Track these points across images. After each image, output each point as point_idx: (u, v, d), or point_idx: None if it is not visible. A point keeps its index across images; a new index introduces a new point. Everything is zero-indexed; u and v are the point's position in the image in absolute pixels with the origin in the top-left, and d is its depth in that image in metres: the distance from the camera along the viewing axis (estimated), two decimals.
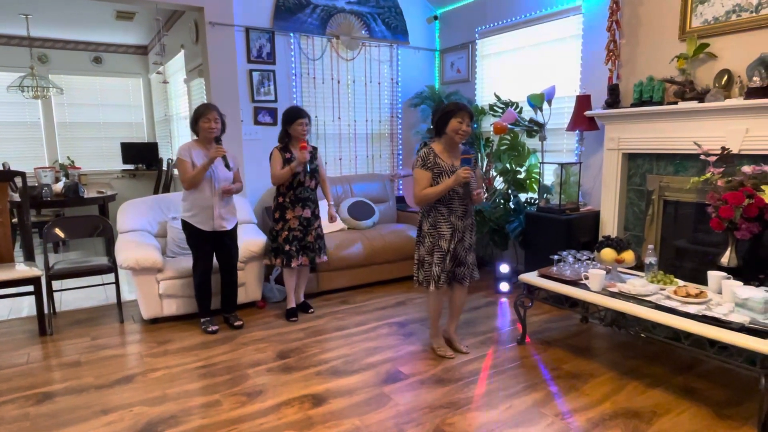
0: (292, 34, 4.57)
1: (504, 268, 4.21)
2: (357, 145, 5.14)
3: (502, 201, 4.41)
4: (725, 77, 3.07)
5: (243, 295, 3.73)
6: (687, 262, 3.39)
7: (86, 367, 2.87)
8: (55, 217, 5.75)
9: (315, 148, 3.57)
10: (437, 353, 2.97)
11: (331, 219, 3.61)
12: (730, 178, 2.81)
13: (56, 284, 3.67)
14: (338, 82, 4.91)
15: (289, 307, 3.64)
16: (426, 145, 2.89)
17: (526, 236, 4.02)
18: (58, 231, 3.60)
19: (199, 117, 3.18)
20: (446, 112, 2.74)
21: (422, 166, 2.77)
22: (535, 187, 4.33)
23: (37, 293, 3.26)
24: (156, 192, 6.89)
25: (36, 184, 5.18)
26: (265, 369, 2.82)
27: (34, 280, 3.24)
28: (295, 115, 3.38)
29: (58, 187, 5.21)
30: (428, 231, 2.85)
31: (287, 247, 3.47)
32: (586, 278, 2.82)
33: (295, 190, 3.46)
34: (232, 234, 3.40)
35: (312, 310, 3.75)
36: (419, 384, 2.62)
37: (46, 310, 3.37)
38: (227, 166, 3.25)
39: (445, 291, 2.93)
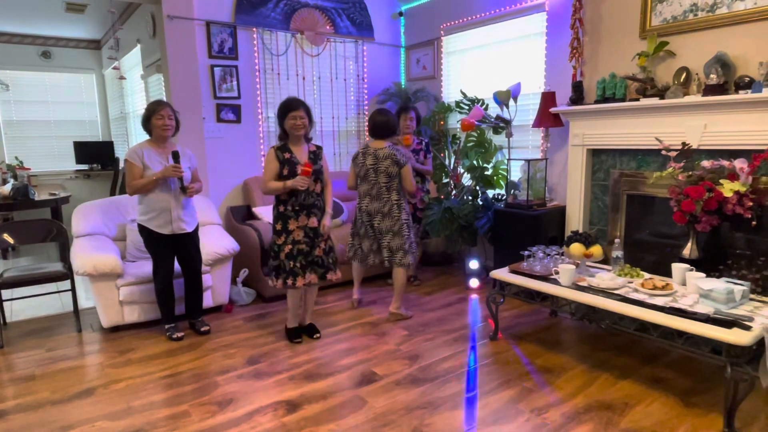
0: (255, 29, 4.45)
1: (473, 264, 4.23)
2: (324, 143, 5.05)
3: (470, 197, 4.43)
4: (684, 74, 3.17)
5: (210, 299, 3.61)
6: (649, 254, 3.49)
7: (42, 381, 2.70)
8: (3, 221, 5.42)
9: (319, 147, 3.12)
10: (406, 316, 3.53)
11: (323, 229, 3.09)
12: (690, 173, 2.90)
13: (6, 293, 3.45)
14: (303, 78, 4.82)
15: (290, 326, 3.20)
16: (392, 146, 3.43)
17: (494, 232, 4.05)
18: (7, 236, 3.39)
19: (152, 114, 3.02)
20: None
21: None
22: (503, 183, 4.37)
23: None
24: (113, 193, 6.60)
25: None
26: (236, 376, 2.73)
27: None
28: (287, 106, 2.95)
29: (6, 189, 4.91)
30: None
31: (291, 264, 3.01)
32: (557, 273, 2.86)
33: (299, 197, 2.99)
34: (193, 236, 3.26)
35: (318, 335, 3.23)
36: (395, 385, 2.59)
37: None
38: (176, 159, 3.04)
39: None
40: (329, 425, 2.24)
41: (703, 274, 2.58)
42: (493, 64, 4.53)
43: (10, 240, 3.41)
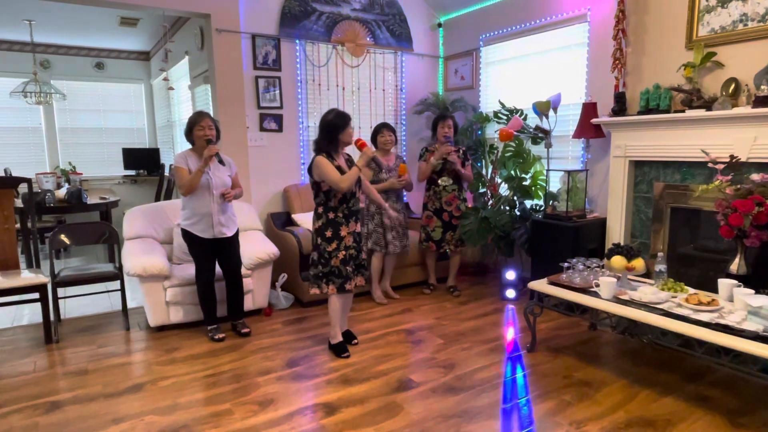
0: (297, 41, 4.58)
1: (510, 275, 4.20)
2: None
3: (507, 208, 4.42)
4: (732, 86, 3.09)
5: (250, 303, 3.72)
6: (693, 269, 3.40)
7: (94, 376, 2.84)
8: (57, 223, 5.72)
9: (349, 155, 3.23)
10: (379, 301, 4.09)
11: (396, 211, 3.99)
12: (738, 186, 2.82)
13: (60, 291, 3.64)
14: (343, 88, 4.92)
15: (336, 341, 3.14)
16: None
17: (532, 243, 4.02)
18: (63, 237, 3.59)
19: (193, 125, 3.19)
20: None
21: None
22: (541, 194, 4.34)
23: (43, 300, 3.24)
24: (158, 198, 6.86)
25: (38, 190, 5.15)
26: (275, 377, 2.80)
27: (41, 288, 3.22)
28: (348, 119, 3.06)
29: (61, 193, 5.19)
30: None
31: (347, 269, 3.05)
32: (597, 286, 2.82)
33: (349, 203, 3.04)
34: (233, 240, 3.38)
35: (356, 341, 3.28)
36: (431, 392, 2.61)
37: (51, 318, 3.34)
38: (221, 161, 3.21)
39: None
40: (367, 429, 2.28)
41: (752, 291, 2.51)
42: (533, 75, 4.52)
43: (67, 241, 3.60)
